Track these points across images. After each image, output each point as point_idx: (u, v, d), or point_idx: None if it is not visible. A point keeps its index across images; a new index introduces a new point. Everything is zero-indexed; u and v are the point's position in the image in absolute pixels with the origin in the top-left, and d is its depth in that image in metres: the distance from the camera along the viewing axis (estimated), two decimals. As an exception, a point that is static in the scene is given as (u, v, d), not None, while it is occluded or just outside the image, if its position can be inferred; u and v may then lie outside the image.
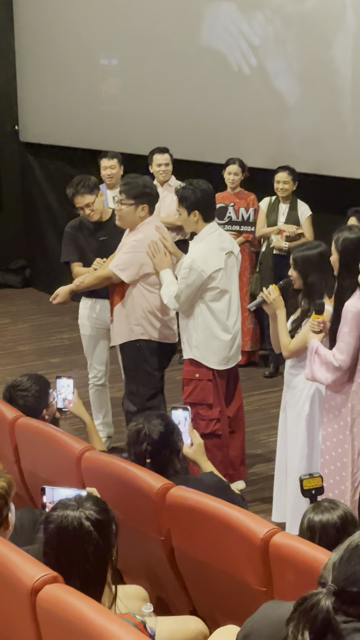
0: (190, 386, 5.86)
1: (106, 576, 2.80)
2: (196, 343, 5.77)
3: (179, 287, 5.69)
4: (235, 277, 5.88)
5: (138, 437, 4.03)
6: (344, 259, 4.88)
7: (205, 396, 5.83)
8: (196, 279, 5.63)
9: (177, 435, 4.12)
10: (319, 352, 4.92)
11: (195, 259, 5.65)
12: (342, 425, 4.95)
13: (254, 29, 8.27)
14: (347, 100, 7.60)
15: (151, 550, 3.92)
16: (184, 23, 8.92)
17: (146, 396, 6.12)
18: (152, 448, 4.01)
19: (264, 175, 8.01)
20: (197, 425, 5.84)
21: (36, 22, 10.76)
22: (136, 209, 5.93)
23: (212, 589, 3.71)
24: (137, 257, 5.94)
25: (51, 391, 4.81)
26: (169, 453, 4.07)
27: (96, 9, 9.86)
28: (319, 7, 7.70)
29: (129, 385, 6.19)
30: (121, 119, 9.83)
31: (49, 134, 10.91)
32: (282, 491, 5.44)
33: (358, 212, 6.36)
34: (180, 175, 8.19)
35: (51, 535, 2.83)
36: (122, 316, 6.04)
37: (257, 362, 8.46)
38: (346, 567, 2.11)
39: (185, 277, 5.65)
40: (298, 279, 5.18)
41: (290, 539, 3.35)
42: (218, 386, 5.87)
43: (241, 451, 6.15)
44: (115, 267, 5.96)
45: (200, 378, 5.81)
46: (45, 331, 9.83)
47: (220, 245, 5.76)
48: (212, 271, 5.65)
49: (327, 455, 5.04)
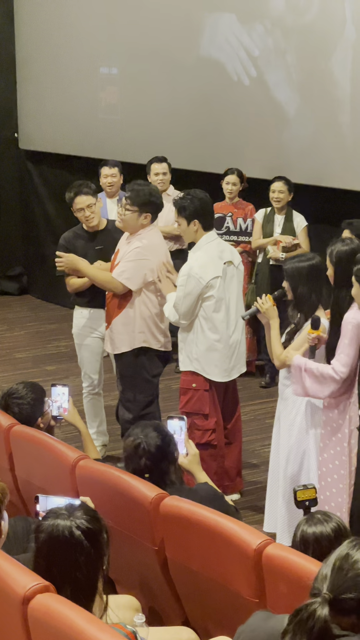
0: (186, 396, 5.85)
1: (97, 585, 2.79)
2: (197, 356, 5.77)
3: (177, 296, 5.69)
4: (235, 287, 5.87)
5: (136, 452, 4.02)
6: (339, 272, 4.89)
7: (202, 406, 5.82)
8: (194, 286, 5.63)
9: (174, 445, 4.12)
10: (309, 368, 4.92)
11: (193, 267, 5.66)
12: (340, 437, 4.95)
13: (253, 40, 8.29)
14: (346, 112, 7.62)
15: (144, 560, 3.91)
16: (184, 33, 8.94)
17: (143, 403, 6.12)
18: (150, 462, 4.01)
19: (263, 185, 8.02)
20: (192, 435, 5.83)
21: (37, 30, 10.78)
22: (139, 217, 5.94)
23: (204, 600, 3.71)
24: (142, 264, 5.93)
25: (46, 399, 4.81)
26: (166, 465, 4.07)
27: (97, 18, 9.88)
28: (319, 19, 7.72)
29: (126, 393, 6.17)
30: (120, 127, 9.84)
31: (48, 142, 10.92)
32: (274, 502, 5.43)
33: (351, 224, 6.37)
34: (178, 185, 8.20)
35: (42, 544, 2.83)
36: (124, 325, 6.02)
37: (253, 372, 8.45)
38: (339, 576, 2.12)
39: (183, 284, 5.65)
40: (289, 290, 5.20)
41: (283, 551, 3.34)
42: (215, 396, 5.86)
43: (238, 462, 6.14)
44: (121, 276, 5.94)
45: (197, 388, 5.81)
46: (42, 339, 9.82)
47: (219, 254, 5.77)
48: (210, 279, 5.65)
49: (325, 467, 5.03)
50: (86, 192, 6.36)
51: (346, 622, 2.10)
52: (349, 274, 4.82)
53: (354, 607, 2.11)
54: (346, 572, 2.13)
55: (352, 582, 2.12)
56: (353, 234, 6.29)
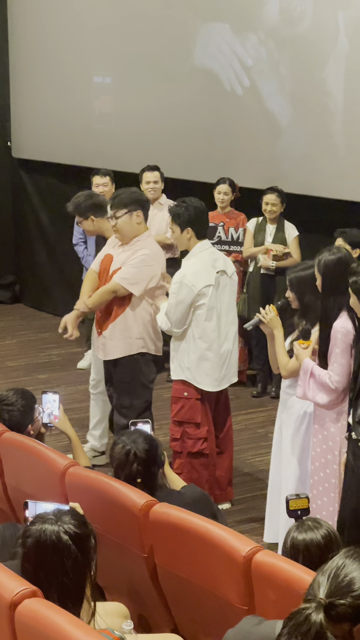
0: (178, 404, 5.85)
1: (85, 591, 2.78)
2: (188, 365, 5.76)
3: (169, 303, 5.68)
4: (227, 297, 5.86)
5: (127, 459, 4.04)
6: (326, 281, 4.90)
7: (193, 415, 5.82)
8: (187, 294, 5.63)
9: (160, 449, 4.15)
10: (314, 373, 4.93)
11: (186, 274, 5.66)
12: (331, 445, 4.95)
13: (247, 50, 8.31)
14: (338, 122, 7.64)
15: (133, 567, 3.90)
16: (178, 43, 8.96)
17: (139, 409, 6.10)
18: (142, 467, 4.04)
19: (255, 195, 8.04)
20: (184, 444, 5.84)
21: (31, 39, 10.80)
22: (131, 217, 5.93)
23: (194, 607, 3.70)
24: (146, 270, 5.94)
25: (37, 406, 4.80)
26: (156, 469, 4.11)
27: (90, 27, 9.90)
28: (312, 30, 7.74)
29: (122, 399, 6.14)
30: (114, 136, 9.85)
31: (42, 151, 10.93)
32: (275, 512, 5.41)
33: (344, 232, 6.39)
34: (170, 194, 8.20)
35: (29, 549, 2.81)
36: (121, 331, 6.01)
37: (244, 382, 8.45)
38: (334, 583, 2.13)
39: (175, 292, 5.64)
40: (295, 299, 5.21)
41: (272, 558, 3.33)
42: (206, 405, 5.86)
43: (228, 471, 6.13)
44: (125, 281, 5.93)
45: (189, 397, 5.80)
46: (34, 347, 9.81)
47: (212, 262, 5.77)
48: (202, 287, 5.65)
49: (316, 475, 5.03)
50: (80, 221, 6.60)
51: (339, 629, 2.11)
52: (336, 283, 4.83)
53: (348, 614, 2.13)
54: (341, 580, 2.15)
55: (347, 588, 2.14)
56: (346, 242, 6.31)
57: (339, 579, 2.16)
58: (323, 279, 4.90)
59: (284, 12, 7.94)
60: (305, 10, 7.76)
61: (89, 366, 8.89)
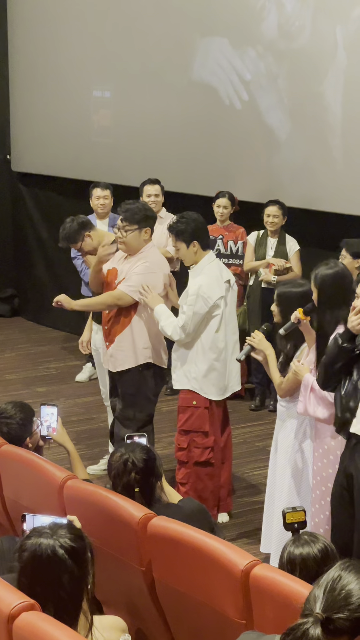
0: (186, 414, 5.87)
1: (81, 604, 2.77)
2: (195, 375, 5.79)
3: (186, 316, 5.70)
4: (229, 307, 5.92)
5: (125, 467, 4.04)
6: (322, 295, 4.89)
7: (202, 424, 5.84)
8: (202, 306, 5.68)
9: (159, 461, 4.15)
10: (315, 388, 4.92)
11: (202, 286, 5.71)
12: (332, 459, 4.93)
13: (245, 64, 8.34)
14: (337, 136, 7.66)
15: (131, 581, 3.89)
16: (177, 57, 8.99)
17: (142, 422, 6.11)
18: (140, 477, 4.03)
19: (253, 208, 8.05)
20: (191, 453, 5.85)
21: (30, 53, 10.83)
22: (140, 233, 5.97)
23: (191, 621, 3.69)
24: (150, 278, 5.96)
25: (35, 419, 4.80)
26: (154, 480, 4.10)
27: (90, 41, 9.93)
28: (310, 44, 7.77)
29: (126, 411, 6.14)
30: (113, 150, 9.87)
31: (41, 164, 10.95)
32: (270, 523, 5.42)
33: (349, 243, 6.37)
34: (170, 207, 8.22)
35: (25, 563, 2.81)
36: (129, 342, 6.02)
37: (243, 395, 8.45)
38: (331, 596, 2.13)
39: (192, 304, 5.68)
40: (278, 314, 5.22)
41: (270, 571, 3.33)
42: (214, 414, 5.89)
43: (228, 482, 6.14)
44: (129, 288, 5.94)
45: (197, 405, 5.83)
46: (33, 360, 9.81)
47: (220, 273, 5.84)
48: (216, 298, 5.71)
49: (318, 490, 5.01)
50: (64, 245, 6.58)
51: None
52: (333, 297, 4.84)
53: (346, 628, 2.12)
54: (338, 593, 2.14)
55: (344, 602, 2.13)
56: (348, 253, 6.30)
57: (335, 592, 2.15)
58: (319, 292, 4.90)
59: (283, 26, 7.97)
60: (304, 24, 7.80)
61: (87, 379, 8.92)
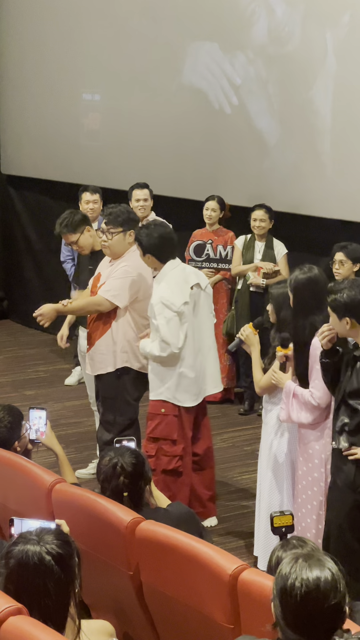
0: (154, 421, 5.82)
1: (68, 609, 2.77)
2: (168, 385, 5.75)
3: (160, 326, 5.61)
4: (203, 311, 5.87)
5: (114, 471, 4.02)
6: (296, 300, 4.91)
7: (170, 432, 5.79)
8: (169, 312, 5.62)
9: (147, 465, 4.14)
10: (297, 393, 4.94)
11: (163, 295, 5.65)
12: (317, 463, 4.95)
13: (235, 69, 8.36)
14: (326, 141, 7.68)
15: (119, 585, 3.89)
16: (167, 61, 9.00)
17: (122, 426, 6.09)
18: (129, 481, 4.02)
19: (243, 213, 8.06)
20: (159, 461, 5.79)
21: (19, 56, 10.83)
22: (125, 236, 5.97)
23: (179, 625, 3.69)
24: (128, 282, 5.95)
25: (24, 422, 4.79)
26: (143, 484, 4.09)
27: (80, 44, 9.94)
28: (300, 49, 7.79)
29: (106, 415, 6.14)
30: (102, 153, 9.87)
31: (30, 167, 10.94)
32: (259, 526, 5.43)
33: (344, 247, 6.33)
34: (159, 211, 8.22)
35: (12, 570, 2.80)
36: (107, 345, 6.02)
37: (232, 400, 8.45)
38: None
39: (160, 312, 5.62)
40: (273, 313, 5.23)
41: (258, 576, 3.33)
42: (184, 422, 5.83)
43: (210, 488, 6.10)
44: (108, 293, 5.94)
45: (166, 413, 5.78)
46: (21, 363, 9.80)
47: (184, 278, 5.77)
48: (180, 304, 5.65)
49: (304, 494, 5.02)
50: (65, 231, 6.46)
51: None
52: (306, 302, 4.86)
53: None
54: None
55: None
56: (348, 258, 6.27)
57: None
58: (294, 297, 4.93)
59: (273, 31, 7.99)
60: (294, 30, 7.81)
61: (76, 383, 8.91)
